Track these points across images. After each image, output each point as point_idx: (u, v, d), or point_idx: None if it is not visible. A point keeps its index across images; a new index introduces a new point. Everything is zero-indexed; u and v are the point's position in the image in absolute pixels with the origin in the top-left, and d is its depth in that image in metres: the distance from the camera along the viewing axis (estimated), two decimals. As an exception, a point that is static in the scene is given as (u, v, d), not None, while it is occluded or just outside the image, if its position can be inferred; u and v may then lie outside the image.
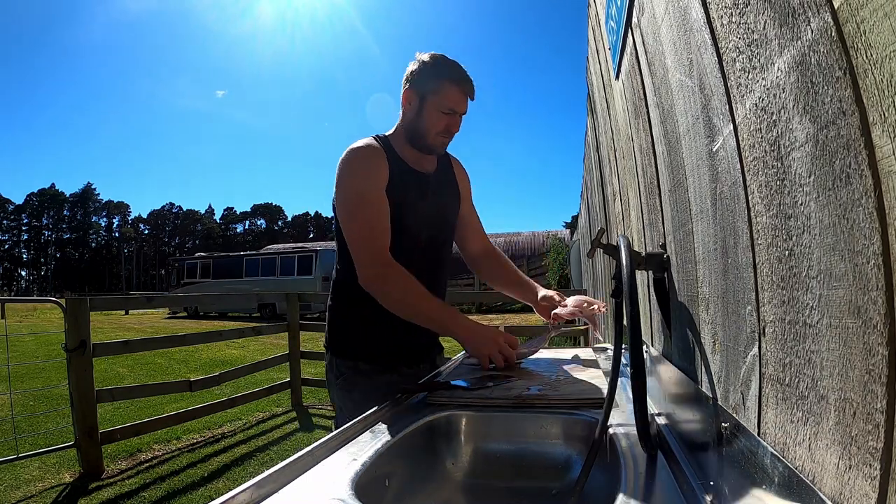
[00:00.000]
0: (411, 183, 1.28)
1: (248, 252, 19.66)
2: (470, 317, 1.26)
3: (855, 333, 0.31)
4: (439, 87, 1.22)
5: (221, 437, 3.67)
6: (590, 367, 1.25)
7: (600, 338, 1.48)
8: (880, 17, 0.26)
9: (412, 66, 1.25)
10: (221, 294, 12.88)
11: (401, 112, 1.30)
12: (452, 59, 1.25)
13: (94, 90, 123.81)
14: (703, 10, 0.52)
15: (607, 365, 1.24)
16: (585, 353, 1.49)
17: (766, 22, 0.39)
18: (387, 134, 1.32)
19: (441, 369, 1.34)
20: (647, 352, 1.02)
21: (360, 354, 1.28)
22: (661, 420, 0.84)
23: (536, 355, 1.35)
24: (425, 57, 1.25)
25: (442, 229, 1.36)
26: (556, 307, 1.33)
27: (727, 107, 0.48)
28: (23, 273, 74.09)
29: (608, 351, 1.51)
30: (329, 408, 4.56)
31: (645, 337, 1.08)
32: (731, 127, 0.48)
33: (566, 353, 1.43)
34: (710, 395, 0.60)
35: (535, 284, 1.46)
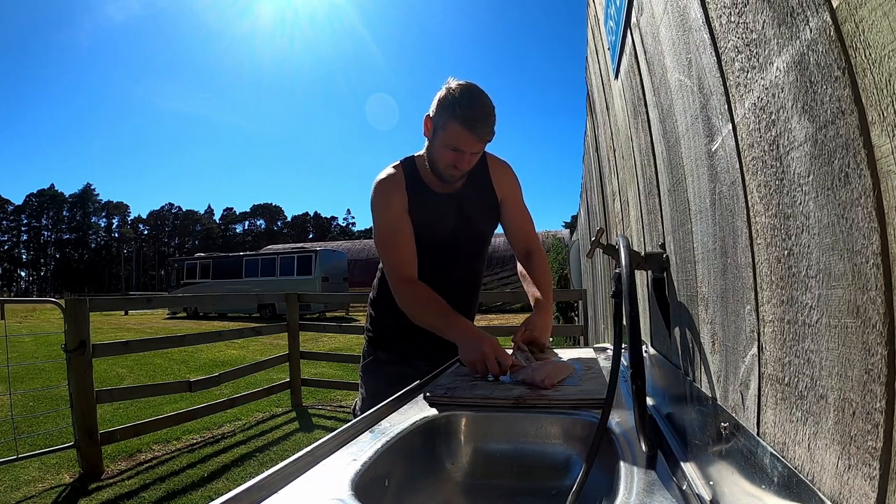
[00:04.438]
0: (432, 204, 1.36)
1: (248, 252, 19.65)
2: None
3: (854, 333, 0.31)
4: (446, 125, 1.23)
5: (221, 438, 3.67)
6: (589, 367, 1.25)
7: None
8: (879, 17, 0.26)
9: (438, 94, 1.25)
10: (221, 294, 12.87)
11: None
12: (474, 96, 1.21)
13: (93, 90, 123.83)
14: (701, 10, 0.52)
15: (607, 365, 1.24)
16: (585, 353, 1.49)
17: (764, 21, 0.39)
18: (416, 154, 1.40)
19: (443, 367, 1.35)
20: (646, 351, 1.02)
21: (381, 344, 1.45)
22: (660, 420, 0.84)
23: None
24: (452, 85, 1.23)
25: (468, 242, 1.43)
26: (525, 335, 1.30)
27: (726, 106, 0.48)
28: (22, 274, 74.06)
29: (608, 351, 1.51)
30: (329, 408, 4.57)
31: (644, 337, 1.08)
32: (730, 126, 0.48)
33: (566, 354, 1.43)
34: (710, 395, 0.60)
35: (539, 301, 1.38)
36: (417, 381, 1.13)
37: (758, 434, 0.46)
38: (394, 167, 1.37)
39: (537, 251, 1.52)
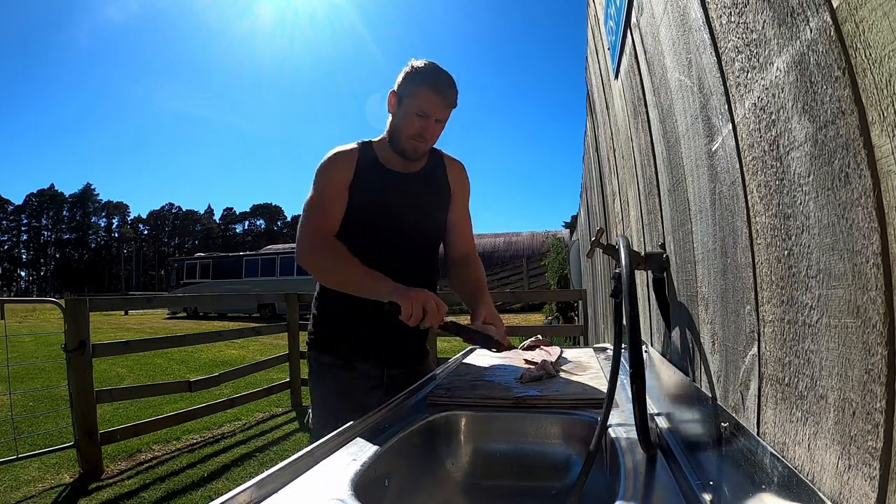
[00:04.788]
0: (383, 181, 1.31)
1: (248, 252, 19.65)
2: (468, 317, 1.24)
3: (854, 333, 0.30)
4: (414, 90, 1.25)
5: (221, 438, 3.67)
6: (589, 367, 1.25)
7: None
8: (879, 17, 0.26)
9: (403, 70, 1.29)
10: (221, 294, 12.87)
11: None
12: (439, 67, 1.28)
13: (93, 90, 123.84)
14: (701, 10, 0.52)
15: (607, 365, 1.24)
16: (585, 353, 1.49)
17: (764, 21, 0.39)
18: (376, 138, 1.37)
19: (436, 369, 1.34)
20: (646, 352, 1.02)
21: (323, 347, 1.34)
22: (660, 420, 0.84)
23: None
24: (416, 63, 1.28)
25: (420, 226, 1.35)
26: (480, 312, 1.23)
27: (726, 106, 0.48)
28: (22, 274, 74.07)
29: (608, 351, 1.51)
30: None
31: (644, 337, 1.08)
32: (731, 126, 0.48)
33: (566, 354, 1.43)
34: (710, 395, 0.60)
35: (484, 301, 1.27)
36: (381, 381, 1.12)
37: (758, 434, 0.45)
38: (351, 145, 1.34)
39: (475, 255, 1.46)
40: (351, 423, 0.84)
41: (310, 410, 1.38)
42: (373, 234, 1.30)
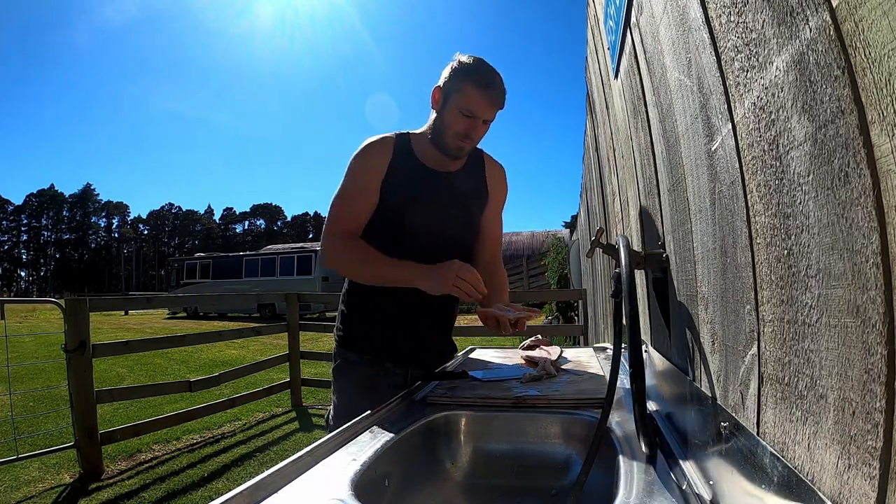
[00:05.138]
0: (420, 180, 1.27)
1: (248, 252, 19.64)
2: (468, 317, 1.25)
3: (854, 333, 0.30)
4: (461, 88, 1.20)
5: (221, 438, 3.67)
6: (589, 367, 1.25)
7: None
8: (879, 16, 0.26)
9: (449, 65, 1.25)
10: (221, 294, 12.87)
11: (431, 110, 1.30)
12: (488, 65, 1.24)
13: (94, 90, 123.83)
14: (701, 10, 0.52)
15: (607, 365, 1.24)
16: (585, 352, 1.49)
17: (764, 21, 0.39)
18: (414, 131, 1.33)
19: (446, 365, 1.34)
20: (646, 351, 1.02)
21: (351, 344, 1.32)
22: (660, 420, 0.84)
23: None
24: (463, 58, 1.24)
25: (455, 228, 1.33)
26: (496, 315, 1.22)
27: (726, 106, 0.48)
28: (22, 274, 74.06)
29: (607, 351, 1.51)
30: (329, 407, 4.56)
31: (644, 336, 1.08)
32: (730, 126, 0.48)
33: (566, 354, 1.42)
34: (710, 395, 0.60)
35: (502, 298, 1.36)
36: (405, 390, 1.10)
37: (758, 434, 0.45)
38: (387, 135, 1.29)
39: (500, 261, 1.49)
40: (350, 423, 0.84)
41: (330, 407, 1.37)
42: (404, 237, 1.26)
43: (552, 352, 1.36)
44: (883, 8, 0.26)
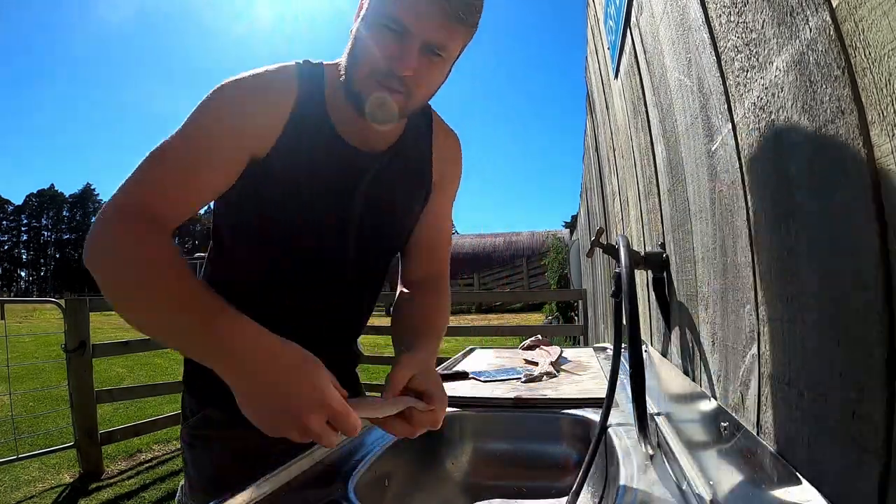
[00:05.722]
0: (329, 156, 0.72)
1: (248, 252, 19.60)
2: (468, 317, 1.14)
3: (854, 333, 0.30)
4: None
5: (221, 438, 3.66)
6: (589, 367, 1.25)
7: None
8: (879, 16, 0.26)
9: None
10: (221, 294, 12.80)
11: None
12: None
13: (94, 90, 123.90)
14: (701, 9, 0.52)
15: (607, 365, 1.24)
16: (585, 352, 1.49)
17: (764, 21, 0.39)
18: (330, 62, 0.77)
19: (447, 365, 1.34)
20: (646, 351, 1.02)
21: (210, 397, 0.79)
22: (660, 419, 0.84)
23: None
24: None
25: (371, 243, 0.80)
26: (398, 377, 0.62)
27: (726, 106, 0.48)
28: (22, 274, 74.09)
29: (607, 351, 1.51)
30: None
31: (644, 336, 1.08)
32: (730, 126, 0.48)
33: (566, 354, 1.43)
34: (710, 395, 0.60)
35: (420, 347, 0.69)
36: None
37: (758, 433, 0.45)
38: (287, 71, 0.73)
39: (446, 278, 0.90)
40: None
41: (183, 484, 0.86)
42: (287, 250, 0.77)
43: (552, 352, 1.36)
44: (883, 8, 0.26)
